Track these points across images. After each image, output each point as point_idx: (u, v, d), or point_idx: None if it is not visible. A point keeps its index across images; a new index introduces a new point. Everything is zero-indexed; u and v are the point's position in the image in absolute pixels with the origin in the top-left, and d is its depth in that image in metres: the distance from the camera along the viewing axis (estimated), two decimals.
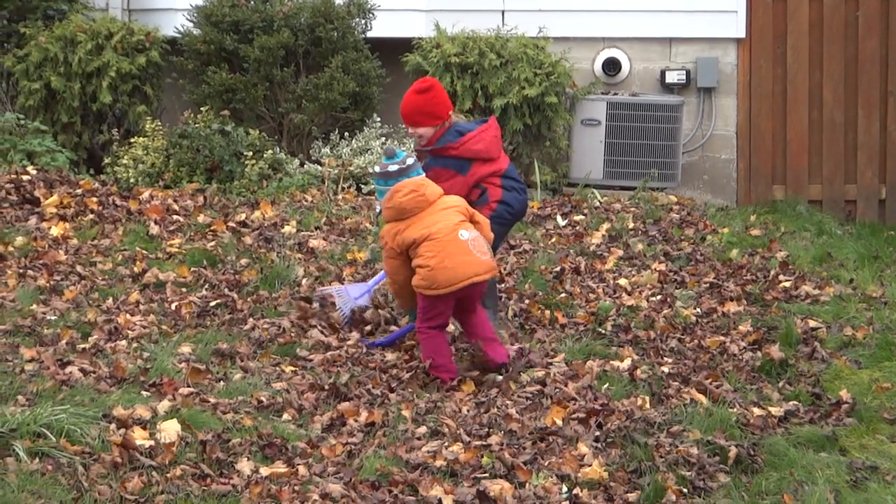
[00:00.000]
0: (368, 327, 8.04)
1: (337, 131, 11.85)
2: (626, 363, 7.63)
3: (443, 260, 7.18)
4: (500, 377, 7.33)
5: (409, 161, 7.48)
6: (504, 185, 8.02)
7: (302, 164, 11.54)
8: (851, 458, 6.61)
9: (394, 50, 12.29)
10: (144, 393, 6.63)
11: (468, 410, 6.85)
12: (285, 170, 11.38)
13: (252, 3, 12.15)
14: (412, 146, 10.25)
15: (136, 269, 8.74)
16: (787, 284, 9.43)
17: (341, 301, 8.16)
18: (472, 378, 7.27)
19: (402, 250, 7.31)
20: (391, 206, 7.32)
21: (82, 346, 7.25)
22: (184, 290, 8.46)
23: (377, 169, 7.59)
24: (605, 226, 10.63)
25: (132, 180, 11.15)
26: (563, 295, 8.89)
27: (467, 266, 7.22)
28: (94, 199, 10.11)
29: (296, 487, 5.82)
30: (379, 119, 11.97)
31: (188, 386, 6.75)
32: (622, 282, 9.27)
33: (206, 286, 8.54)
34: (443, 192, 7.46)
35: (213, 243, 9.40)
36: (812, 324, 8.58)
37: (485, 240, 7.39)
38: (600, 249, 10.05)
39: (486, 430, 6.55)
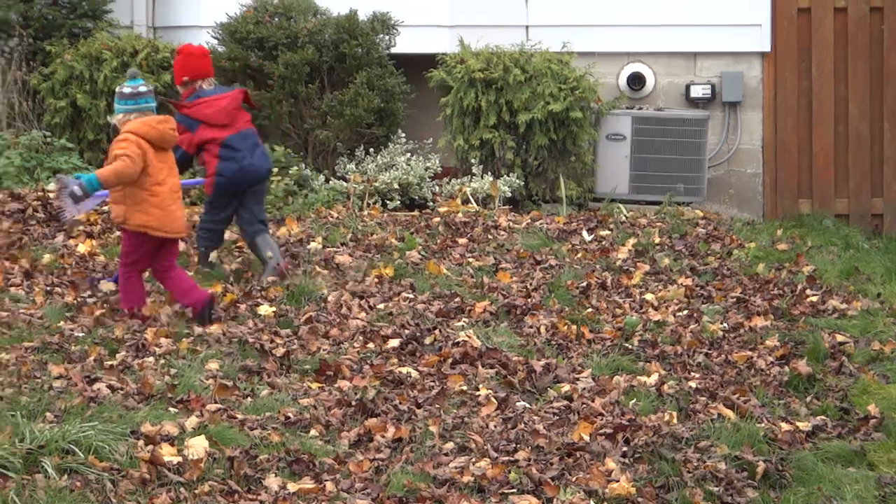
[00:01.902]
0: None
1: (362, 147, 11.88)
2: (653, 378, 7.61)
3: (175, 209, 7.97)
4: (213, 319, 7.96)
5: (142, 89, 7.98)
6: (221, 154, 8.91)
7: (327, 181, 11.57)
8: (880, 472, 6.58)
9: (418, 66, 12.31)
10: (172, 409, 6.64)
11: (495, 426, 6.83)
12: (311, 186, 11.41)
13: (276, 19, 12.18)
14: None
15: (162, 286, 8.74)
16: (814, 299, 9.40)
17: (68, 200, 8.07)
18: (497, 397, 7.24)
19: (140, 161, 7.78)
20: (158, 130, 7.89)
21: (110, 362, 7.25)
22: None
23: (118, 87, 8.09)
24: (632, 241, 10.61)
25: None
26: (589, 310, 8.87)
27: (184, 221, 8.16)
28: None
29: (323, 503, 5.82)
30: (404, 135, 11.99)
31: (215, 402, 6.75)
32: (649, 297, 9.25)
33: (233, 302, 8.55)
34: None
35: (239, 259, 9.42)
36: (839, 338, 8.55)
37: None
38: (626, 264, 10.02)
39: (514, 445, 6.54)
